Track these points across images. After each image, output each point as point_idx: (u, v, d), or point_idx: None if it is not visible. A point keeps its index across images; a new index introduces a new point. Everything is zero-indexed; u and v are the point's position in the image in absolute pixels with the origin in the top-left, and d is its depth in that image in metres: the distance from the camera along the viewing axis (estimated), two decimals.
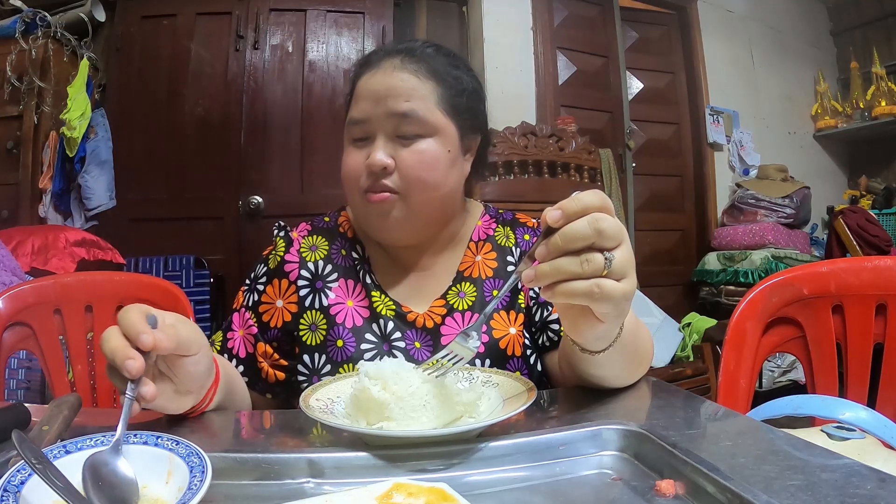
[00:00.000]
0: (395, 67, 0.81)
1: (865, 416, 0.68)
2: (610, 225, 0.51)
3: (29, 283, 1.22)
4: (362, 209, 0.83)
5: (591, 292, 0.51)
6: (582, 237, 0.51)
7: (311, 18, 2.87)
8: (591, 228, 0.51)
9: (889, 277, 0.92)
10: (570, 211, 0.51)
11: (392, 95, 0.79)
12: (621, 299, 0.52)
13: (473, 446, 0.53)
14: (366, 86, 0.82)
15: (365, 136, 0.82)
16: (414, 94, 0.80)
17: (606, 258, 0.51)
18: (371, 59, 0.85)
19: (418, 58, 0.82)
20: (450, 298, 0.86)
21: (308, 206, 2.68)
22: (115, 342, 0.53)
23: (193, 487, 0.43)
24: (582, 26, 3.31)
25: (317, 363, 0.83)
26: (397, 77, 0.80)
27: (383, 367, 0.59)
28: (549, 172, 2.63)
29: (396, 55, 0.82)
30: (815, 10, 4.12)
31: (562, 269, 0.51)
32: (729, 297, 3.20)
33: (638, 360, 0.72)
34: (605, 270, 0.51)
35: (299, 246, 0.89)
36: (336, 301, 0.85)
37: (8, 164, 2.46)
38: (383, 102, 0.79)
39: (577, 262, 0.51)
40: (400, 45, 0.84)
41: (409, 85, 0.80)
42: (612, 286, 0.51)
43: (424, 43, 0.86)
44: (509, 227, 0.94)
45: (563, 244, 0.51)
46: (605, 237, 0.51)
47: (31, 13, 2.45)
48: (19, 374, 1.82)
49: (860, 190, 3.77)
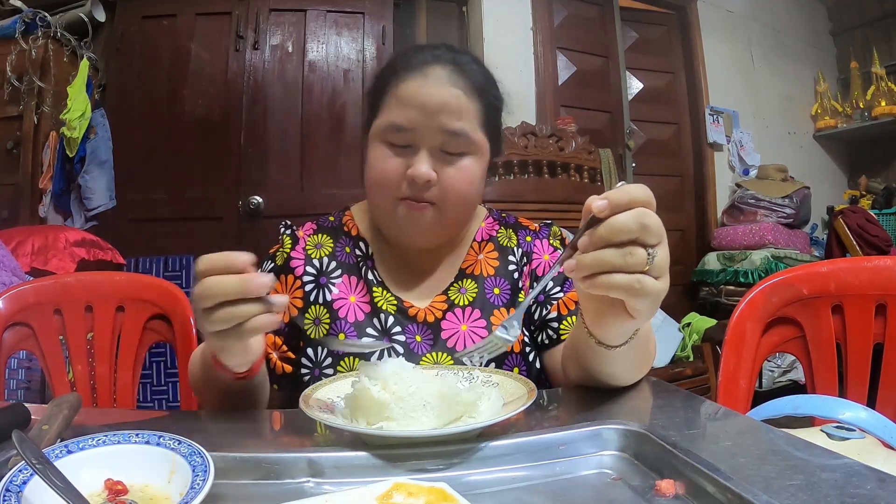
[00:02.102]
0: (446, 81, 0.80)
1: (865, 416, 0.68)
2: (654, 221, 0.51)
3: (29, 283, 1.22)
4: (391, 212, 0.83)
5: (632, 287, 0.51)
6: (627, 230, 0.50)
7: (311, 18, 2.87)
8: (637, 223, 0.50)
9: (889, 277, 0.92)
10: (617, 202, 0.51)
11: (445, 112, 0.79)
12: (657, 297, 0.53)
13: (473, 446, 0.53)
14: (414, 94, 0.80)
15: (407, 143, 0.81)
16: (465, 114, 0.80)
17: (649, 254, 0.51)
18: (414, 62, 0.82)
19: (466, 73, 0.81)
20: (451, 294, 0.88)
21: (308, 206, 2.68)
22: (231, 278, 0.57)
23: (196, 487, 0.43)
24: (582, 26, 3.31)
25: (319, 356, 0.85)
26: (450, 92, 0.79)
27: (383, 366, 0.59)
28: (548, 173, 2.63)
29: (445, 65, 0.81)
30: (815, 10, 4.12)
31: (604, 261, 0.51)
32: (729, 297, 3.20)
33: (647, 359, 0.73)
34: (646, 266, 0.51)
35: (305, 244, 0.91)
36: (339, 297, 0.87)
37: (8, 164, 2.46)
38: (434, 117, 0.79)
39: (620, 254, 0.51)
40: (445, 53, 0.83)
41: (462, 103, 0.80)
42: (652, 283, 0.52)
43: (464, 52, 0.86)
44: (512, 229, 0.96)
45: (608, 235, 0.51)
46: (649, 233, 0.51)
47: (31, 13, 2.45)
48: (19, 374, 1.82)
49: (860, 190, 3.77)
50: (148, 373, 2.41)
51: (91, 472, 0.47)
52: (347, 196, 1.76)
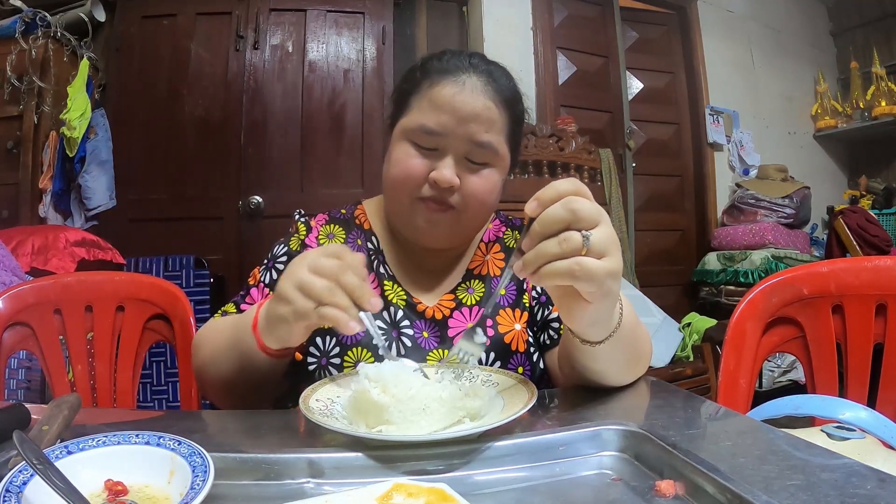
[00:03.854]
0: (480, 90, 0.80)
1: (865, 416, 0.68)
2: (583, 206, 0.54)
3: (29, 283, 1.22)
4: (409, 210, 0.84)
5: (572, 270, 0.53)
6: (557, 220, 0.54)
7: (311, 18, 2.87)
8: (565, 209, 0.53)
9: (889, 277, 0.92)
10: (546, 198, 0.55)
11: (476, 122, 0.80)
12: (604, 277, 0.54)
13: (473, 447, 0.53)
14: (449, 99, 0.80)
15: (434, 147, 0.81)
16: (494, 126, 0.81)
17: (584, 236, 0.53)
18: (449, 67, 0.83)
19: (499, 85, 0.82)
20: (459, 293, 0.89)
21: (308, 206, 2.65)
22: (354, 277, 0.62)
23: (196, 487, 0.43)
24: (582, 26, 3.31)
25: (327, 345, 0.84)
26: (483, 103, 0.80)
27: (384, 369, 0.59)
28: (549, 172, 2.63)
29: (480, 75, 0.82)
30: (814, 11, 4.12)
31: (543, 253, 0.54)
32: (729, 297, 3.20)
33: (636, 358, 0.73)
34: (584, 249, 0.53)
35: (317, 233, 0.93)
36: None
37: (8, 164, 2.46)
38: (465, 125, 0.79)
39: (555, 242, 0.53)
40: (480, 63, 0.83)
41: (493, 115, 0.81)
42: (593, 263, 0.53)
43: (496, 64, 0.86)
44: (518, 231, 0.97)
45: (542, 229, 0.54)
46: (579, 217, 0.53)
47: (31, 13, 2.45)
48: (19, 374, 1.82)
49: (860, 190, 3.77)
50: (148, 373, 2.41)
51: (91, 472, 0.47)
52: (347, 196, 1.76)
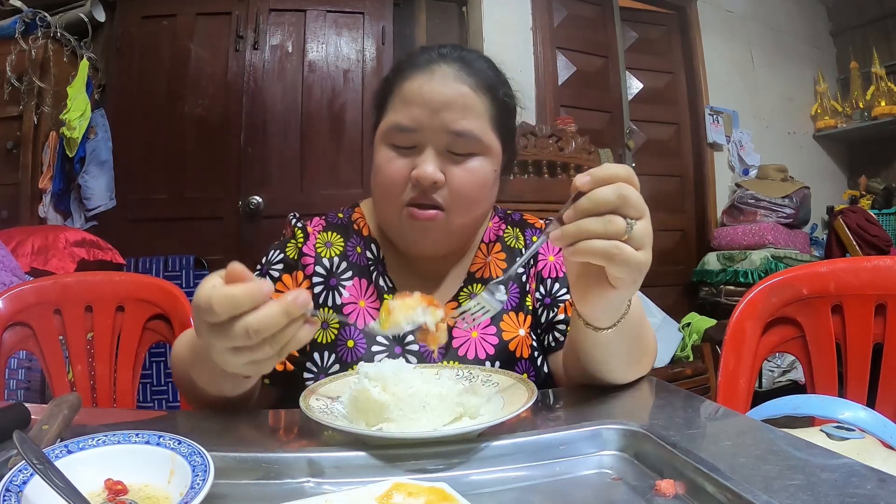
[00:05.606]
0: (451, 77, 0.77)
1: (865, 416, 0.68)
2: (634, 195, 0.55)
3: (29, 283, 1.22)
4: (397, 220, 0.80)
5: (611, 252, 0.54)
6: (607, 202, 0.54)
7: (310, 18, 2.87)
8: (616, 194, 0.54)
9: (888, 277, 0.92)
10: (599, 177, 0.55)
11: (449, 110, 0.76)
12: (637, 267, 0.55)
13: (473, 446, 0.53)
14: (418, 91, 0.77)
15: (412, 144, 0.78)
16: (471, 112, 0.77)
17: (628, 223, 0.54)
18: (420, 60, 0.80)
19: (473, 70, 0.79)
20: (461, 301, 0.86)
21: (308, 206, 2.68)
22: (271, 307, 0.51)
23: (196, 487, 0.43)
24: (581, 26, 3.31)
25: (325, 362, 0.82)
26: (455, 89, 0.76)
27: (383, 368, 0.59)
28: (548, 173, 2.63)
29: (452, 62, 0.78)
30: (814, 11, 4.12)
31: (585, 229, 0.54)
32: (729, 297, 3.20)
33: (640, 353, 0.73)
34: (625, 235, 0.54)
35: (315, 241, 0.88)
36: (349, 300, 0.84)
37: (8, 164, 2.46)
38: (438, 115, 0.76)
39: (600, 222, 0.54)
40: (452, 51, 0.80)
41: (468, 101, 0.77)
42: (631, 252, 0.54)
43: (472, 50, 0.83)
44: (518, 228, 0.94)
45: (589, 206, 0.54)
46: (628, 205, 0.54)
47: (31, 13, 2.45)
48: (19, 374, 1.82)
49: (860, 190, 3.77)
50: (148, 373, 2.41)
51: (91, 472, 0.47)
52: (347, 196, 1.76)
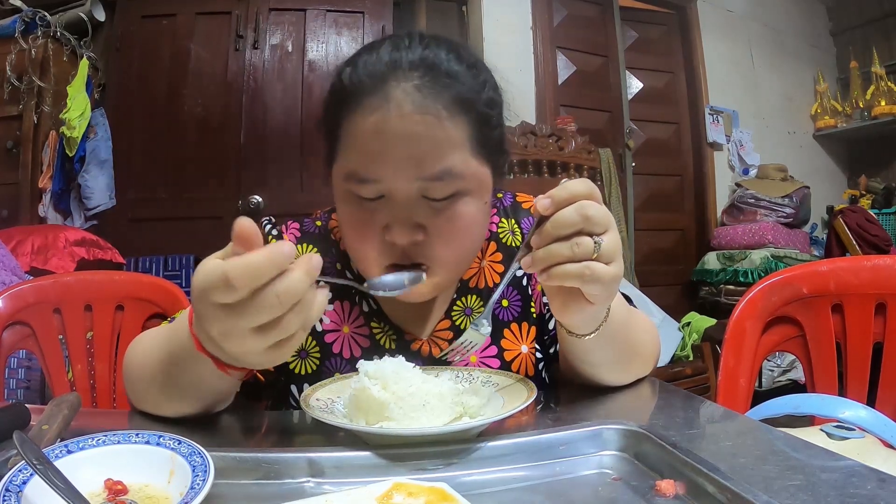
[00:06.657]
0: (413, 103, 0.60)
1: (865, 416, 0.68)
2: (597, 211, 0.54)
3: (29, 283, 1.21)
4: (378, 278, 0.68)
5: (583, 274, 0.54)
6: (571, 224, 0.54)
7: (310, 18, 2.87)
8: (579, 215, 0.53)
9: (888, 277, 0.92)
10: (559, 199, 0.54)
11: (416, 151, 0.61)
12: (610, 281, 0.55)
13: (473, 446, 0.53)
14: (372, 132, 0.61)
15: (378, 195, 0.64)
16: (445, 144, 0.62)
17: (595, 242, 0.54)
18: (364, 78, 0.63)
19: (442, 81, 0.62)
20: (455, 317, 0.78)
21: (308, 206, 2.66)
22: (293, 270, 0.46)
23: (196, 487, 0.43)
24: (581, 26, 3.31)
25: None
26: (420, 120, 0.60)
27: (384, 366, 0.59)
28: (548, 172, 2.63)
29: (411, 74, 0.61)
30: (814, 10, 4.12)
31: (555, 254, 0.54)
32: (728, 296, 3.20)
33: (631, 354, 0.72)
34: (594, 254, 0.54)
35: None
36: (331, 328, 0.77)
37: (8, 164, 2.46)
38: (404, 163, 0.62)
39: (568, 246, 0.54)
40: (409, 53, 0.63)
41: (440, 132, 0.61)
42: (602, 268, 0.54)
43: (438, 45, 0.65)
44: (513, 218, 0.85)
45: (554, 231, 0.54)
46: (592, 223, 0.54)
47: (31, 13, 2.45)
48: (19, 373, 1.82)
49: (860, 189, 3.77)
50: None
51: (91, 472, 0.47)
52: None
